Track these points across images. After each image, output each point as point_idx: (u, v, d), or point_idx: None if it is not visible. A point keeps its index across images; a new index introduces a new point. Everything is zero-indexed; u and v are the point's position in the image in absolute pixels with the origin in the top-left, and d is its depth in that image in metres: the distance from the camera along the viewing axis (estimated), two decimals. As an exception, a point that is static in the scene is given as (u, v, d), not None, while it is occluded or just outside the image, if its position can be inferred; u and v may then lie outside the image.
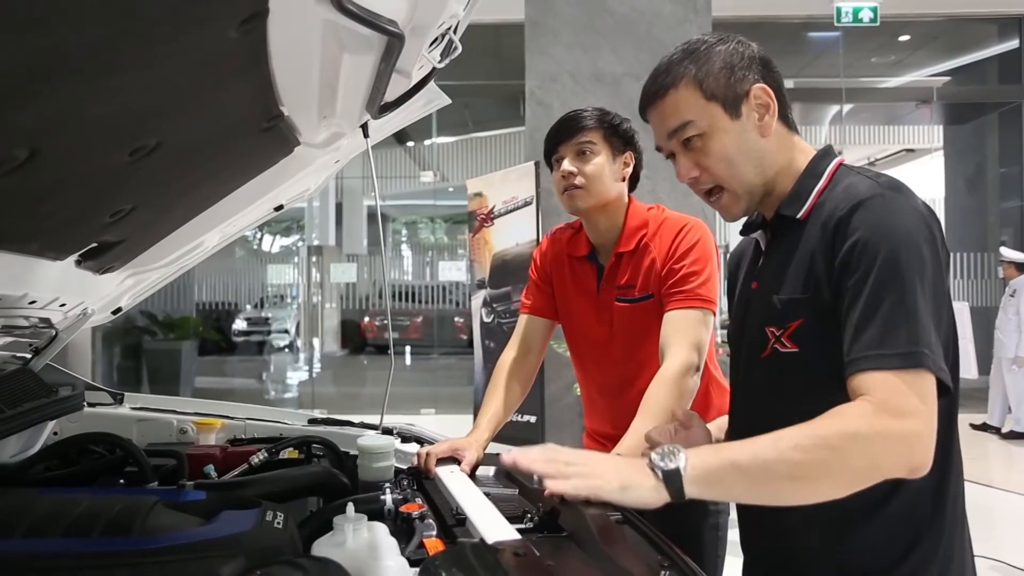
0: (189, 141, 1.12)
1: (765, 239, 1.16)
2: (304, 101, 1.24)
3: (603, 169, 1.61)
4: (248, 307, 13.31)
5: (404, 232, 17.43)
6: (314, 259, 12.74)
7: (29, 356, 1.62)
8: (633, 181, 1.71)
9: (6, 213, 0.92)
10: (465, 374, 9.60)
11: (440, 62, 1.17)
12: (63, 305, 1.43)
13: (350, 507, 1.00)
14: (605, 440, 1.70)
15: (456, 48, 1.17)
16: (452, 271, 11.44)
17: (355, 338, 13.36)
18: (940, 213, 11.35)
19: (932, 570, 1.00)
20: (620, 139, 1.64)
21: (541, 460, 0.97)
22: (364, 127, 1.49)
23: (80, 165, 0.92)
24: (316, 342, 12.43)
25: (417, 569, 0.93)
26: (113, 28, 0.66)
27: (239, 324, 12.89)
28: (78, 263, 1.33)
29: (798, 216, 1.06)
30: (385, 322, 12.50)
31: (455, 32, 1.17)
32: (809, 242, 1.02)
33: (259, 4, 0.82)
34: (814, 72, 9.90)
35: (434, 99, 1.60)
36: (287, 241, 16.30)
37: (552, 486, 0.95)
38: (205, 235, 1.71)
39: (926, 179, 11.66)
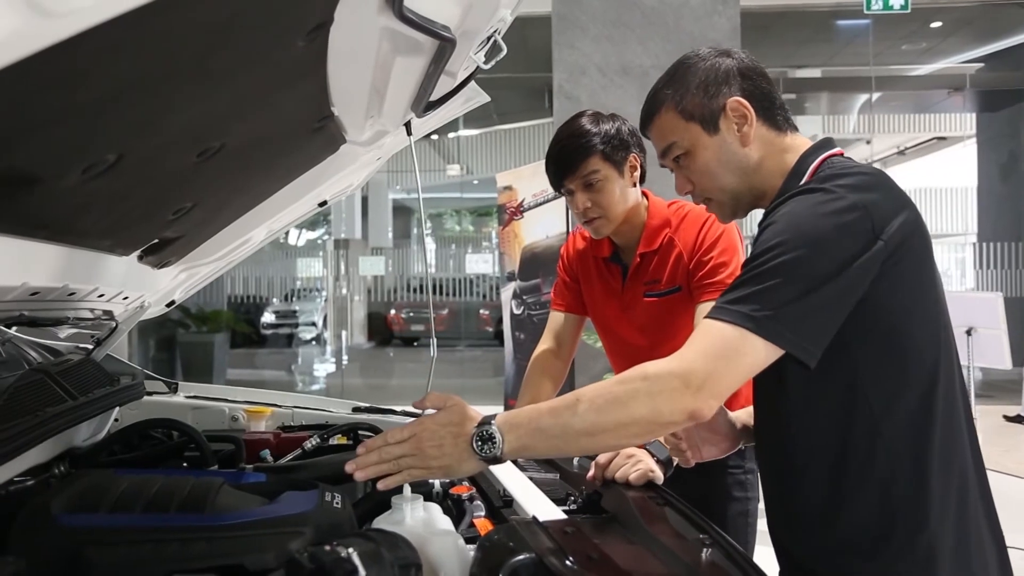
0: (248, 142, 1.18)
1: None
2: (354, 102, 1.29)
3: (615, 192, 1.62)
4: (276, 300, 13.51)
5: (430, 225, 17.51)
6: (341, 252, 12.89)
7: (91, 347, 1.70)
8: (642, 175, 1.69)
9: (91, 212, 0.99)
10: (491, 366, 9.67)
11: (485, 63, 1.22)
12: (126, 298, 1.50)
13: (407, 488, 1.06)
14: None
15: (501, 50, 1.21)
16: (478, 263, 11.50)
17: (382, 331, 13.49)
18: (972, 202, 11.16)
19: (917, 554, 0.99)
20: (622, 150, 1.62)
21: (373, 465, 1.00)
22: (407, 125, 1.55)
23: (156, 167, 0.99)
24: (343, 334, 12.58)
25: (472, 546, 0.99)
26: (201, 44, 0.72)
27: (268, 317, 13.08)
28: (140, 258, 1.40)
29: None
30: (412, 315, 12.62)
31: (499, 34, 1.21)
32: None
33: (326, 14, 0.88)
34: (843, 60, 9.77)
35: (473, 97, 1.65)
36: (314, 235, 16.47)
37: (381, 485, 1.00)
38: (253, 231, 1.78)
39: (958, 167, 11.46)
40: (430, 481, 1.30)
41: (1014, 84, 9.91)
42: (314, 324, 13.52)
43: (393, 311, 13.14)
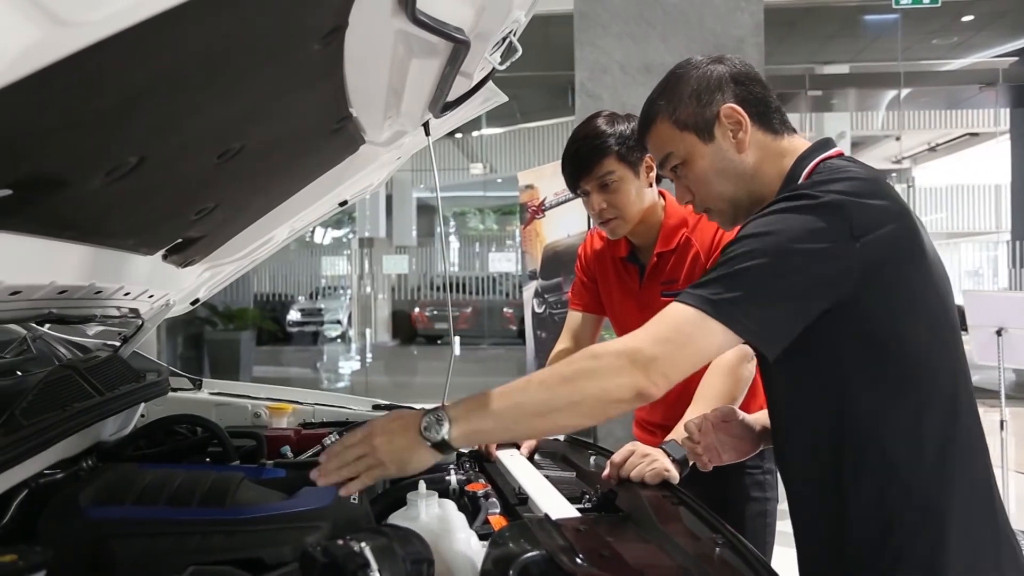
0: (268, 143, 1.20)
1: None
2: (371, 103, 1.31)
3: (631, 193, 1.61)
4: (302, 298, 13.67)
5: (453, 223, 17.58)
6: (365, 251, 13.00)
7: (118, 344, 1.74)
8: (658, 174, 1.68)
9: (115, 213, 1.01)
10: (515, 364, 9.68)
11: (501, 64, 1.23)
12: (151, 296, 1.54)
13: (422, 484, 1.07)
14: (655, 429, 1.75)
15: (516, 51, 1.22)
16: (501, 262, 11.54)
17: (406, 328, 13.59)
18: (1006, 198, 10.93)
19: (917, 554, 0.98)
20: (637, 151, 1.62)
21: (334, 471, 0.99)
22: (425, 125, 1.56)
23: (177, 168, 1.01)
24: (368, 332, 12.69)
25: (485, 542, 1.00)
26: (216, 50, 0.74)
27: (293, 315, 13.24)
28: (165, 257, 1.43)
29: None
30: (436, 313, 12.69)
31: (515, 35, 1.22)
32: None
33: (340, 18, 0.89)
34: (871, 56, 9.62)
35: (491, 97, 1.66)
36: (339, 233, 16.62)
37: (343, 492, 0.99)
38: (276, 230, 1.80)
39: (991, 164, 11.23)
40: (447, 478, 1.32)
41: (1049, 78, 9.68)
42: (339, 322, 13.66)
43: (417, 309, 13.23)
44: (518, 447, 1.53)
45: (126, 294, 1.39)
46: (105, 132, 0.76)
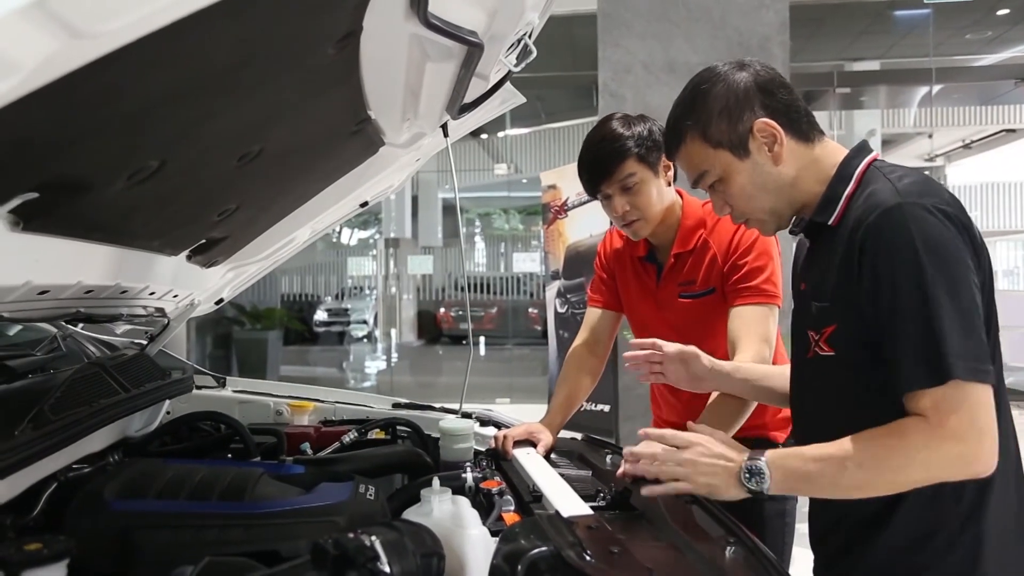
0: (287, 146, 1.23)
1: (808, 242, 1.19)
2: (389, 105, 1.33)
3: (652, 193, 1.61)
4: (328, 299, 13.81)
5: (478, 224, 17.63)
6: (391, 251, 13.09)
7: (144, 343, 1.79)
8: (675, 174, 1.68)
9: (139, 215, 1.04)
10: (539, 364, 9.68)
11: (516, 66, 1.24)
12: (176, 296, 1.57)
13: (436, 481, 1.09)
14: (673, 428, 1.74)
15: (531, 52, 1.23)
16: (526, 262, 11.53)
17: (431, 328, 13.66)
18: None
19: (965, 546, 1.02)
20: (655, 151, 1.61)
21: (679, 470, 1.06)
22: (444, 127, 1.58)
23: (198, 171, 1.04)
24: (393, 332, 12.78)
25: (497, 538, 1.01)
26: (231, 56, 0.76)
27: (320, 315, 13.38)
28: (189, 258, 1.47)
29: (829, 222, 1.09)
30: (461, 313, 12.73)
31: (530, 37, 1.23)
32: (838, 248, 1.05)
33: (354, 23, 0.91)
34: (901, 52, 9.45)
35: (509, 98, 1.67)
36: (365, 234, 16.76)
37: (645, 491, 1.08)
38: (297, 231, 1.84)
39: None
40: (462, 476, 1.33)
41: (1088, 73, 9.44)
42: (365, 322, 13.77)
43: (442, 309, 13.29)
44: (534, 445, 1.54)
45: (151, 294, 1.43)
46: (126, 137, 0.78)
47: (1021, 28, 9.01)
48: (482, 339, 12.11)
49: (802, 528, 1.42)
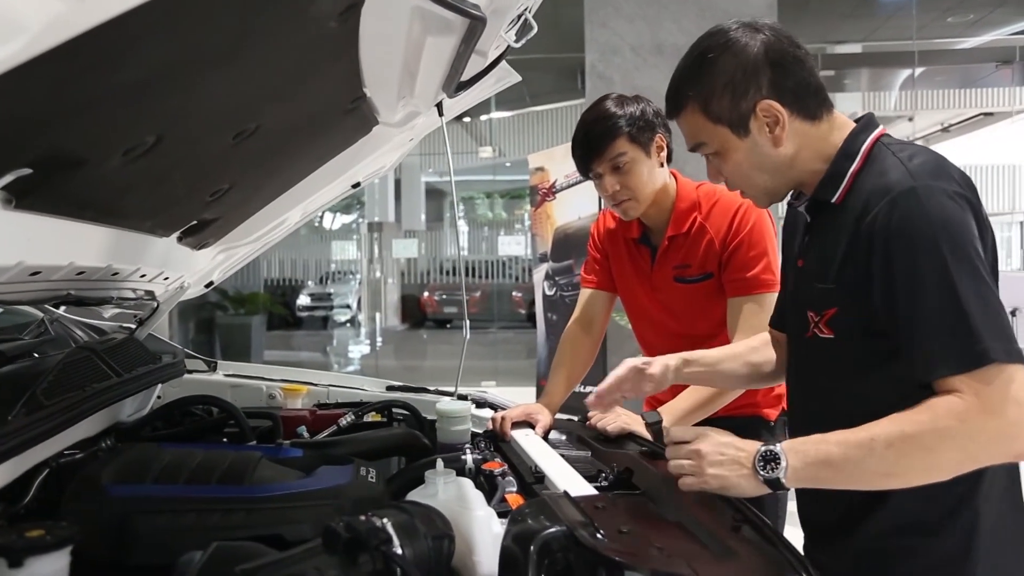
0: (283, 123, 1.20)
1: (808, 217, 1.15)
2: (385, 82, 1.30)
3: (643, 173, 1.60)
4: (311, 283, 13.72)
5: (462, 207, 17.56)
6: (374, 235, 13.01)
7: (133, 326, 1.75)
8: (669, 155, 1.67)
9: (133, 193, 1.02)
10: (523, 348, 9.69)
11: (516, 42, 1.22)
12: (166, 278, 1.54)
13: (439, 462, 1.08)
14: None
15: (532, 28, 1.21)
16: (511, 245, 11.51)
17: (415, 312, 13.62)
18: (1020, 179, 10.80)
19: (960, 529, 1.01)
20: (647, 131, 1.60)
21: (686, 463, 1.02)
22: (439, 105, 1.55)
23: (194, 148, 1.01)
24: (377, 316, 12.73)
25: (504, 520, 1.00)
26: (235, 28, 0.73)
27: (303, 300, 13.29)
28: (180, 239, 1.44)
29: (832, 200, 1.06)
30: (445, 297, 12.71)
31: (530, 12, 1.21)
32: (844, 229, 1.02)
33: (357, -6, 0.88)
34: (885, 35, 9.47)
35: (505, 77, 1.65)
36: (348, 219, 16.64)
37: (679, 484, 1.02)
38: (288, 212, 1.80)
39: (1006, 144, 11.09)
40: (462, 457, 1.32)
41: (1067, 56, 9.53)
42: (348, 306, 13.70)
43: (426, 293, 13.25)
44: (532, 427, 1.53)
45: (142, 276, 1.40)
46: (124, 110, 0.75)
47: (1003, 11, 9.07)
48: (467, 323, 12.06)
49: (792, 507, 1.43)
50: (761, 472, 0.94)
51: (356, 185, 1.96)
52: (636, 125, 1.59)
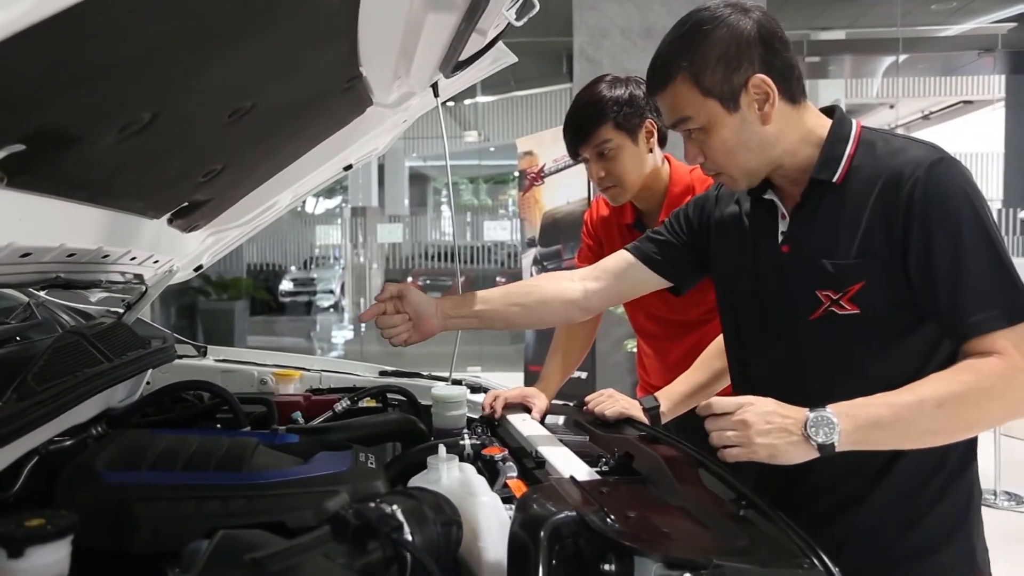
0: (278, 102, 1.17)
1: (786, 203, 1.15)
2: (382, 62, 1.27)
3: (628, 161, 1.58)
4: (294, 268, 13.61)
5: (445, 193, 17.49)
6: (358, 220, 12.91)
7: (120, 311, 1.72)
8: (662, 139, 1.65)
9: (126, 173, 0.98)
10: (507, 334, 9.67)
11: (518, 20, 1.20)
12: (156, 262, 1.51)
13: (442, 448, 1.07)
14: (654, 392, 1.75)
15: (534, 6, 1.19)
16: (497, 231, 11.47)
17: (399, 298, 13.55)
18: (999, 167, 10.93)
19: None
20: (635, 116, 1.58)
21: (731, 434, 0.99)
22: (434, 86, 1.53)
23: (189, 127, 0.98)
24: (361, 302, 12.66)
25: (508, 505, 0.99)
26: (238, 2, 0.71)
27: (286, 285, 13.19)
28: (170, 221, 1.41)
29: (833, 180, 1.08)
30: (429, 282, 12.65)
31: (533, -10, 1.19)
32: (856, 204, 1.05)
33: (360, -32, 0.86)
34: (869, 22, 9.51)
35: (501, 58, 1.62)
36: (331, 203, 16.50)
37: (724, 455, 1.00)
38: (280, 195, 1.77)
39: (985, 132, 11.21)
40: (461, 443, 1.31)
41: (1049, 44, 9.60)
42: (332, 292, 13.61)
43: (410, 278, 13.19)
44: (528, 411, 1.52)
45: (132, 259, 1.36)
46: (121, 84, 0.73)
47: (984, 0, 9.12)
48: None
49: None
50: (814, 438, 0.94)
51: (348, 167, 1.93)
52: (622, 111, 1.56)
